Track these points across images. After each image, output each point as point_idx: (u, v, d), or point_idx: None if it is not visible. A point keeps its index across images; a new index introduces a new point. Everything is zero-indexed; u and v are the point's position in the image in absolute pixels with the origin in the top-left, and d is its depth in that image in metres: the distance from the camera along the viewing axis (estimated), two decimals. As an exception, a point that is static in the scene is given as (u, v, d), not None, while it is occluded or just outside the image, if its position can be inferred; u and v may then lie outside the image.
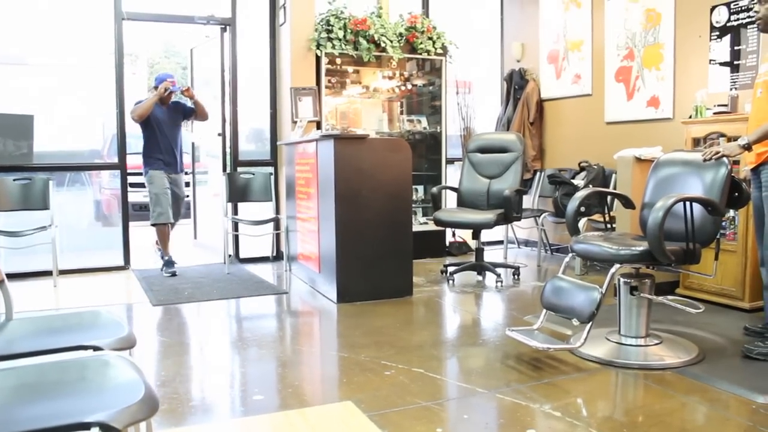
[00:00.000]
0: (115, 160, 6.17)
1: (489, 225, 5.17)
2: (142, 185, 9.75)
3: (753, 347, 3.37)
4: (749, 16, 4.80)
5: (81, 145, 7.26)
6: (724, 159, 3.35)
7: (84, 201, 6.95)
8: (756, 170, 3.50)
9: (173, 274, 5.69)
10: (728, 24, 4.97)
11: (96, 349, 1.83)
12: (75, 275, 5.77)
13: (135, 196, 8.38)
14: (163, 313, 4.52)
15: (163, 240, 5.83)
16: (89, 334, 1.98)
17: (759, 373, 3.12)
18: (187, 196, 7.03)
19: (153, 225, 5.79)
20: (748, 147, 3.34)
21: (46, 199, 5.53)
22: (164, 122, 5.78)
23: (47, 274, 5.46)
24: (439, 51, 6.66)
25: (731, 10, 4.94)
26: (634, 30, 5.85)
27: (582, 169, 5.95)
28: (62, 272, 5.55)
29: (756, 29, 4.04)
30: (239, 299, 4.91)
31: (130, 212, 6.30)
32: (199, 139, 7.66)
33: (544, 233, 6.51)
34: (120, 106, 6.02)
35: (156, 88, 5.74)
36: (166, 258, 5.83)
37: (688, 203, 3.25)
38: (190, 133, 7.34)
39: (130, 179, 6.26)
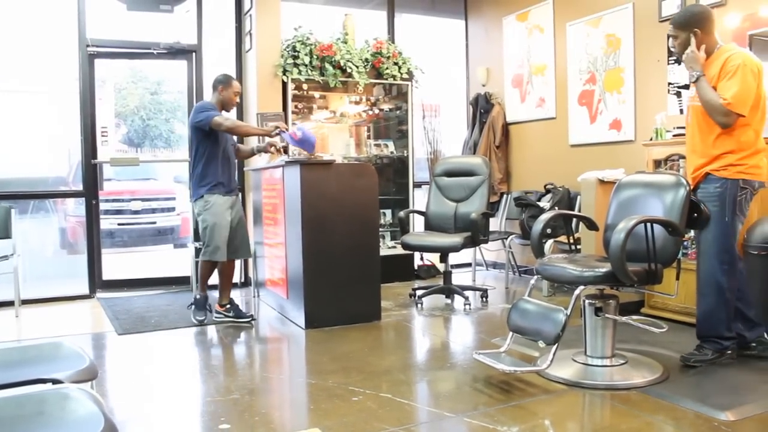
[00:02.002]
0: (80, 187, 6.10)
1: (456, 248, 5.20)
2: (112, 212, 9.70)
3: (689, 356, 3.55)
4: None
5: (46, 172, 7.19)
6: (682, 179, 3.44)
7: (48, 229, 6.86)
8: (694, 192, 3.59)
9: (201, 323, 4.87)
10: (685, 49, 5.10)
11: (56, 382, 1.80)
12: (38, 305, 5.66)
13: (104, 223, 8.31)
14: (128, 342, 4.46)
15: (204, 277, 4.93)
16: (49, 367, 1.95)
17: (720, 391, 3.17)
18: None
19: (204, 261, 4.87)
20: (696, 79, 3.43)
21: (7, 227, 5.42)
22: (230, 137, 5.02)
23: (9, 304, 5.34)
24: (405, 76, 6.72)
25: (687, 36, 5.07)
26: (595, 55, 5.97)
27: (547, 191, 6.03)
28: (25, 302, 5.45)
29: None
30: (207, 327, 4.86)
31: (102, 239, 6.20)
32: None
33: (511, 255, 6.56)
34: (86, 133, 5.97)
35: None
36: (198, 297, 4.95)
37: (649, 224, 3.31)
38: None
39: (103, 206, 6.13)
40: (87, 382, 1.89)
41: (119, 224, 9.14)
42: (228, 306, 4.96)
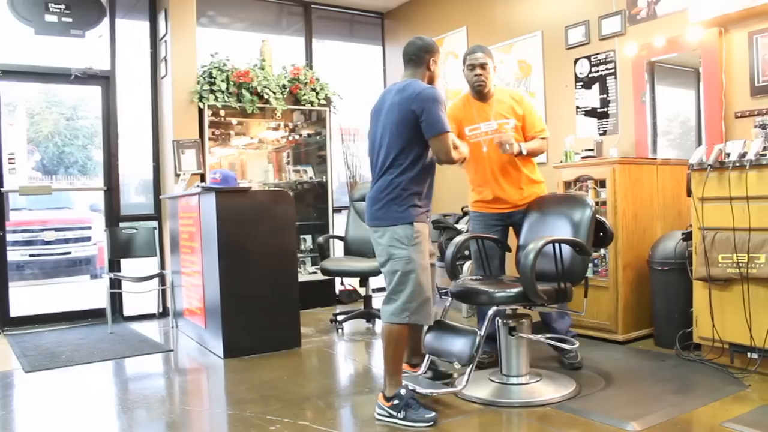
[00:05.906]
0: (-15, 218, 5.85)
1: (376, 272, 5.20)
2: (22, 243, 9.26)
3: (566, 359, 3.94)
4: (607, 68, 5.17)
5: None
6: (588, 200, 3.58)
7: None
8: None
9: (434, 421, 3.05)
10: (590, 75, 5.32)
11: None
12: (-61, 344, 5.37)
13: (12, 255, 7.98)
14: (37, 380, 4.27)
15: (397, 353, 3.19)
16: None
17: (627, 403, 3.30)
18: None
19: (394, 324, 3.17)
20: (519, 152, 3.91)
21: None
22: None
23: None
24: (323, 102, 6.75)
25: (592, 63, 5.30)
26: (508, 80, 6.15)
27: (465, 214, 6.14)
28: (-75, 341, 5.17)
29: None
30: (123, 360, 4.71)
31: (10, 272, 5.94)
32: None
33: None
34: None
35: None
36: (404, 393, 3.12)
37: (557, 244, 3.41)
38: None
39: (13, 237, 5.86)
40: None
41: (31, 255, 8.79)
42: (396, 402, 3.11)
